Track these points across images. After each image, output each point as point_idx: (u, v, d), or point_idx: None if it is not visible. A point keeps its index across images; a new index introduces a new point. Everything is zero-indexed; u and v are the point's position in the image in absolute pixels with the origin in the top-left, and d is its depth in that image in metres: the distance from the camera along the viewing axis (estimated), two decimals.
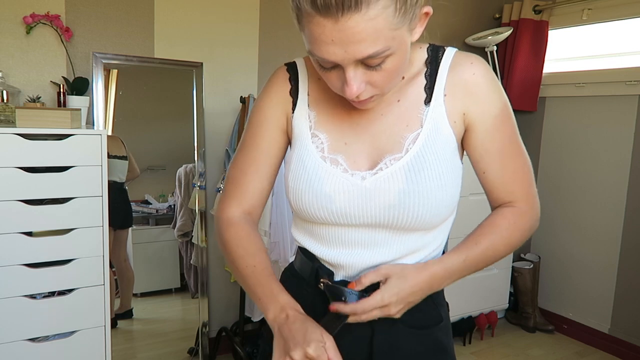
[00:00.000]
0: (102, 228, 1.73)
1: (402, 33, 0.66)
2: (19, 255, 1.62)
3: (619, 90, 2.65)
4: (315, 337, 0.70)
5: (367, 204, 0.75)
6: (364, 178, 0.75)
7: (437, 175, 0.74)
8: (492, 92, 0.77)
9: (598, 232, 2.78)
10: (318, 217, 0.78)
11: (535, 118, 3.09)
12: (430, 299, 0.81)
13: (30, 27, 1.94)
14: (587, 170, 2.82)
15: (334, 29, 0.62)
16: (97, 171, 1.70)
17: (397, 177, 0.74)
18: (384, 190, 0.74)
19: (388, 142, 0.77)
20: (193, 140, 2.37)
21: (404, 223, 0.75)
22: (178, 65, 2.29)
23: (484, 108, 0.77)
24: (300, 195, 0.78)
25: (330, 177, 0.76)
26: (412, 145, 0.75)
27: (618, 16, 2.66)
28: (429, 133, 0.75)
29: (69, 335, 1.72)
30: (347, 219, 0.77)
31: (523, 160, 0.81)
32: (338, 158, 0.78)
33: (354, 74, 0.67)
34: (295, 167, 0.79)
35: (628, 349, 2.63)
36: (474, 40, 2.98)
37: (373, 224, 0.77)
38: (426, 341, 0.81)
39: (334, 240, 0.80)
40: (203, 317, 2.42)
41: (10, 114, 1.74)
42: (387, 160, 0.75)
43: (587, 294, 2.84)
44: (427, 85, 0.77)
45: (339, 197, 0.76)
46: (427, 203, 0.73)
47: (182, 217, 2.44)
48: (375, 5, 0.61)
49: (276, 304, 0.76)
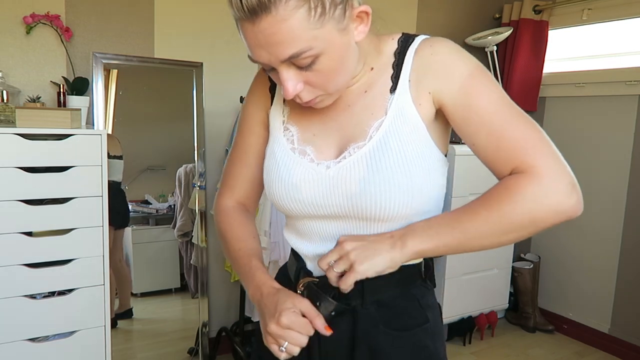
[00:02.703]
0: (102, 228, 1.73)
1: (327, 33, 0.66)
2: (19, 255, 1.62)
3: (619, 90, 2.65)
4: (286, 306, 0.71)
5: (332, 193, 0.76)
6: (328, 167, 0.76)
7: (401, 162, 0.72)
8: (453, 62, 0.73)
9: (598, 232, 2.78)
10: (289, 208, 0.80)
11: (535, 118, 3.05)
12: (416, 301, 0.80)
13: (30, 27, 1.94)
14: (587, 170, 2.82)
15: (253, 31, 0.65)
16: (97, 171, 1.70)
17: (359, 164, 0.73)
18: (346, 178, 0.74)
19: (354, 131, 0.77)
20: (193, 140, 2.37)
21: (368, 212, 0.73)
22: (178, 65, 2.29)
23: (447, 79, 0.73)
24: (272, 186, 0.81)
25: (298, 167, 0.78)
26: (376, 132, 0.75)
27: (618, 16, 2.66)
28: (393, 120, 0.74)
29: (69, 335, 1.72)
30: (315, 209, 0.78)
31: (520, 120, 0.70)
32: (307, 149, 0.79)
33: (286, 74, 0.69)
34: (268, 160, 0.83)
35: (628, 349, 2.63)
36: (474, 40, 2.98)
37: (341, 215, 0.77)
38: (406, 342, 0.78)
39: (312, 234, 0.82)
40: (203, 317, 2.42)
41: (10, 114, 1.74)
42: (351, 149, 0.75)
43: (587, 294, 2.84)
44: (394, 74, 0.77)
45: (305, 187, 0.77)
46: (389, 190, 0.71)
47: (182, 217, 2.44)
48: (284, 6, 0.62)
49: (252, 284, 0.79)
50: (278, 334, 0.71)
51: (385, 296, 0.78)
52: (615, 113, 2.68)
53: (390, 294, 0.79)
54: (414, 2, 2.91)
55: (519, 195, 0.67)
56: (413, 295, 0.80)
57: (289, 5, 0.63)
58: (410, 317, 0.79)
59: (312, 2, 0.64)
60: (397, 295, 0.79)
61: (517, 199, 0.67)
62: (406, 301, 0.80)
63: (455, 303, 2.72)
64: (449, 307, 2.70)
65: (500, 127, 0.70)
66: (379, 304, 0.78)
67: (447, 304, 2.69)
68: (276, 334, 0.71)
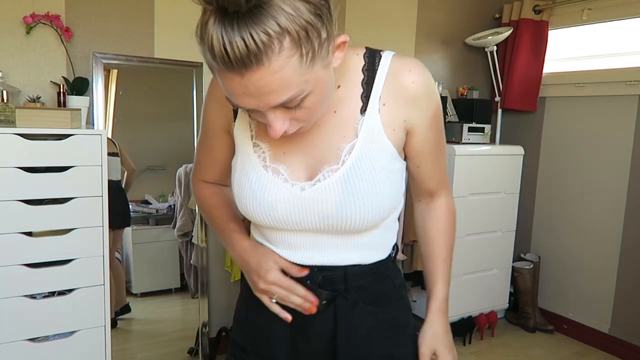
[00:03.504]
0: (102, 228, 1.73)
1: (315, 73, 0.65)
2: (19, 255, 1.62)
3: (619, 90, 2.65)
4: (268, 266, 0.82)
5: (307, 213, 0.79)
6: (303, 189, 0.78)
7: (373, 185, 0.77)
8: (430, 97, 0.80)
9: (598, 232, 2.78)
10: (263, 223, 0.82)
11: (535, 118, 3.09)
12: (391, 281, 0.90)
13: (30, 27, 1.94)
14: (587, 170, 2.82)
15: (241, 83, 0.62)
16: (97, 171, 1.70)
17: (334, 188, 0.76)
18: (321, 201, 0.77)
19: (325, 153, 0.78)
20: (193, 140, 2.37)
21: (343, 229, 0.79)
22: (178, 65, 2.29)
23: (423, 113, 0.80)
24: (245, 202, 0.81)
25: (272, 186, 0.79)
26: (348, 156, 0.77)
27: (618, 16, 2.66)
28: (364, 143, 0.77)
29: (69, 335, 1.72)
30: (290, 224, 0.81)
31: (444, 152, 0.91)
32: (279, 168, 0.80)
33: (274, 116, 0.67)
34: (239, 176, 0.82)
35: (628, 349, 2.63)
36: (474, 40, 2.98)
37: (315, 230, 0.81)
38: (382, 318, 0.87)
39: (284, 243, 0.85)
40: (203, 317, 2.42)
41: (10, 114, 1.74)
42: (325, 172, 0.77)
43: (587, 294, 2.84)
44: (364, 94, 0.78)
45: (280, 206, 0.79)
46: (363, 210, 0.77)
47: (182, 217, 2.44)
48: (277, 58, 0.59)
49: (235, 252, 0.88)
50: (268, 290, 0.81)
51: (365, 281, 0.86)
52: (615, 113, 2.68)
53: (369, 278, 0.86)
54: (414, 2, 2.91)
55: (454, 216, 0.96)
56: (388, 276, 0.89)
57: (282, 55, 0.60)
58: (387, 296, 0.88)
59: (304, 48, 0.61)
60: (374, 279, 0.87)
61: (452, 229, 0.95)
62: (382, 283, 0.88)
63: (455, 303, 2.72)
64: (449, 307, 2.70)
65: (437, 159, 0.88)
66: (359, 287, 0.85)
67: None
68: (266, 290, 0.82)
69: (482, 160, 2.72)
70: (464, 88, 3.10)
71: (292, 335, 0.87)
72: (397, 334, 0.89)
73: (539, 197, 3.08)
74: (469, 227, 2.70)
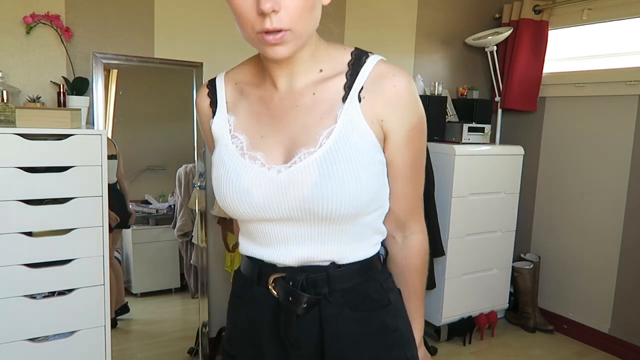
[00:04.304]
0: (102, 228, 1.73)
1: None
2: (19, 255, 1.62)
3: (619, 90, 2.65)
4: None
5: (283, 196, 0.78)
6: (279, 171, 0.78)
7: (351, 168, 0.76)
8: (410, 106, 0.80)
9: (598, 232, 2.78)
10: (240, 212, 0.81)
11: (535, 118, 3.09)
12: (379, 284, 0.86)
13: (30, 27, 1.94)
14: (587, 170, 2.82)
15: None
16: (97, 171, 1.70)
17: (310, 170, 0.76)
18: (297, 183, 0.77)
19: (302, 136, 0.79)
20: (193, 140, 2.37)
21: (319, 214, 0.77)
22: (178, 65, 2.29)
23: (400, 121, 0.79)
24: (222, 192, 0.81)
25: (248, 172, 0.80)
26: (326, 140, 0.77)
27: (618, 16, 2.66)
28: (344, 128, 0.78)
29: (69, 335, 1.72)
30: (266, 212, 0.80)
31: (422, 177, 0.87)
32: (257, 155, 0.81)
33: None
34: (217, 166, 0.84)
35: (628, 349, 2.63)
36: (474, 40, 2.98)
37: (293, 218, 0.79)
38: (369, 322, 0.84)
39: (265, 238, 0.84)
40: (203, 317, 2.42)
41: (10, 114, 1.74)
42: (302, 154, 0.77)
43: (587, 294, 2.84)
44: (347, 84, 0.80)
45: (257, 191, 0.79)
46: (339, 193, 0.75)
47: (182, 217, 2.44)
48: None
49: None
50: None
51: (350, 284, 0.83)
52: (615, 113, 2.68)
53: (355, 281, 0.83)
54: (414, 2, 2.91)
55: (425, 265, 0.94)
56: (375, 279, 0.86)
57: None
58: (373, 300, 0.85)
59: None
60: (360, 281, 0.84)
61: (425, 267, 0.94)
62: (369, 286, 0.85)
63: (455, 303, 2.73)
64: (449, 307, 2.71)
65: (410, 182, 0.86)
66: (344, 290, 0.83)
67: (447, 304, 2.69)
68: None
69: (482, 160, 2.72)
70: (464, 88, 3.10)
71: (281, 341, 0.85)
72: (385, 339, 0.86)
73: (539, 197, 3.08)
74: (469, 227, 2.70)
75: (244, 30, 0.76)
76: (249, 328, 0.89)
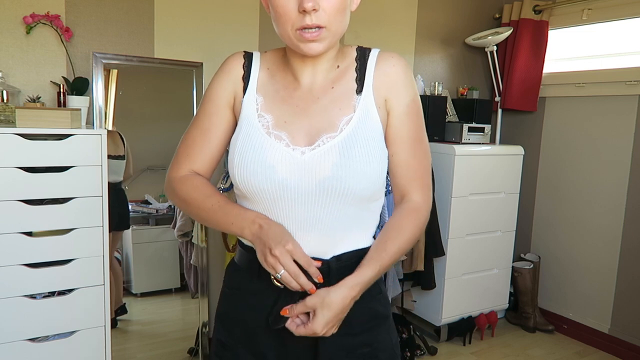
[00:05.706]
0: (102, 228, 1.73)
1: None
2: (19, 255, 1.62)
3: (619, 90, 2.65)
4: (290, 238, 0.84)
5: (306, 175, 0.85)
6: (303, 153, 0.86)
7: (365, 153, 0.86)
8: (407, 83, 0.92)
9: (598, 232, 2.78)
10: (262, 188, 0.86)
11: (535, 118, 3.09)
12: None
13: (30, 27, 1.94)
14: (587, 170, 2.82)
15: None
16: (97, 171, 1.70)
17: (332, 152, 0.85)
18: (320, 163, 0.85)
19: (324, 123, 0.88)
20: None
21: (337, 191, 0.85)
22: (178, 65, 2.29)
23: (399, 95, 0.91)
24: (247, 166, 0.86)
25: (274, 150, 0.86)
26: (346, 126, 0.87)
27: (618, 16, 2.66)
28: (361, 117, 0.88)
29: (69, 335, 1.72)
30: (286, 189, 0.85)
31: (425, 152, 0.95)
32: (281, 134, 0.88)
33: None
34: (243, 142, 0.89)
35: (628, 349, 2.63)
36: (474, 40, 2.98)
37: (310, 197, 0.85)
38: (364, 310, 0.91)
39: (274, 219, 0.88)
40: (203, 317, 2.42)
41: (10, 114, 1.74)
42: (324, 138, 0.86)
43: (587, 294, 2.84)
44: (358, 77, 0.92)
45: (281, 168, 0.85)
46: (356, 175, 0.84)
47: (182, 217, 2.44)
48: None
49: (248, 220, 0.87)
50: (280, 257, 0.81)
51: (346, 275, 0.86)
52: (615, 113, 2.68)
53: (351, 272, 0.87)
54: (414, 2, 2.91)
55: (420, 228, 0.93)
56: None
57: None
58: (368, 290, 0.89)
59: None
60: None
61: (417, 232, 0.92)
62: None
63: (455, 303, 2.73)
64: (449, 307, 2.71)
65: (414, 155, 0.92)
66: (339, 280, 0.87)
67: (447, 304, 2.69)
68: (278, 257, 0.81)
69: (482, 160, 2.72)
70: (464, 88, 3.10)
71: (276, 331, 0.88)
72: (377, 325, 0.94)
73: (539, 197, 3.08)
74: (469, 227, 2.70)
75: (282, 27, 0.84)
76: (244, 318, 0.92)
